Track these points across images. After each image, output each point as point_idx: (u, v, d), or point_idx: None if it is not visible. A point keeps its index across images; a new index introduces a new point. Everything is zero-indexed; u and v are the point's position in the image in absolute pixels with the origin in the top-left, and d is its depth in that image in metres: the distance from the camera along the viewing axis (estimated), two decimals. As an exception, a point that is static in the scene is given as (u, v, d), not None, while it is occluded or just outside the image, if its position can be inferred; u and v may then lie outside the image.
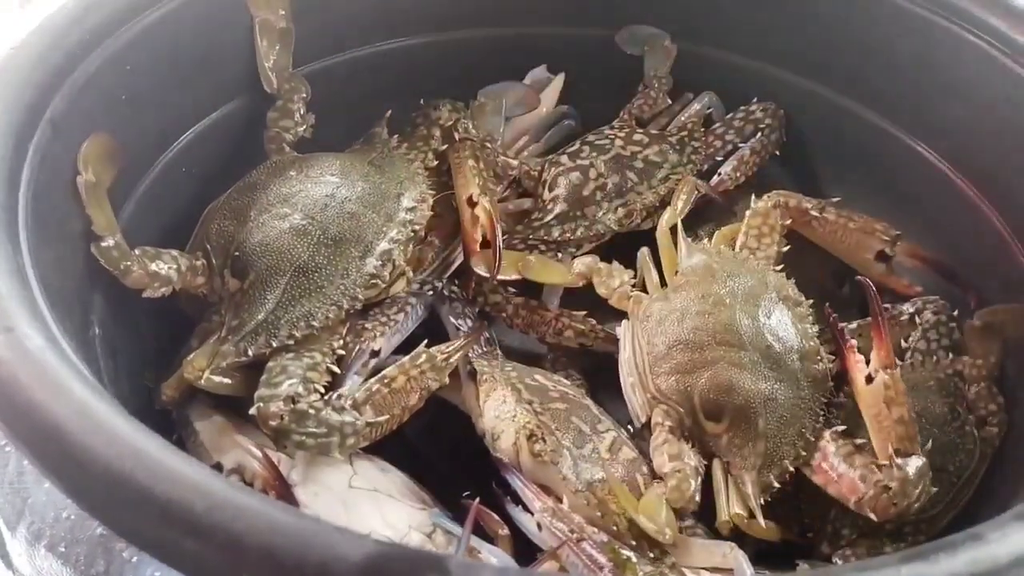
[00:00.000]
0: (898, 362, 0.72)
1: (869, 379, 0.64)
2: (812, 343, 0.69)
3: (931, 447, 0.67)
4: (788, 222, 0.78)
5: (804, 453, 0.66)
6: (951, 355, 0.75)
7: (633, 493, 0.64)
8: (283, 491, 0.61)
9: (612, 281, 0.75)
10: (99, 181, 0.66)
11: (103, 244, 0.65)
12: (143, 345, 0.71)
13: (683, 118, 0.90)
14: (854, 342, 0.66)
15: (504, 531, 0.63)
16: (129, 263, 0.66)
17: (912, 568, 0.43)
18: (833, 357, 0.70)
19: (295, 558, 0.41)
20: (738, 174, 0.87)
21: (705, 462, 0.66)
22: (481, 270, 0.76)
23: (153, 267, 0.67)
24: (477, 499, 0.62)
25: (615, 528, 0.62)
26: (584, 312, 0.79)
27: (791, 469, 0.66)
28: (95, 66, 0.67)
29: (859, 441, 0.65)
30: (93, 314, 0.66)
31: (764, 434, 0.65)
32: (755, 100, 0.89)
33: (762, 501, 0.64)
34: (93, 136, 0.66)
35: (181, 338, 0.71)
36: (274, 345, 0.67)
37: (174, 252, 0.69)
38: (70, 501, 0.48)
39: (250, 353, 0.67)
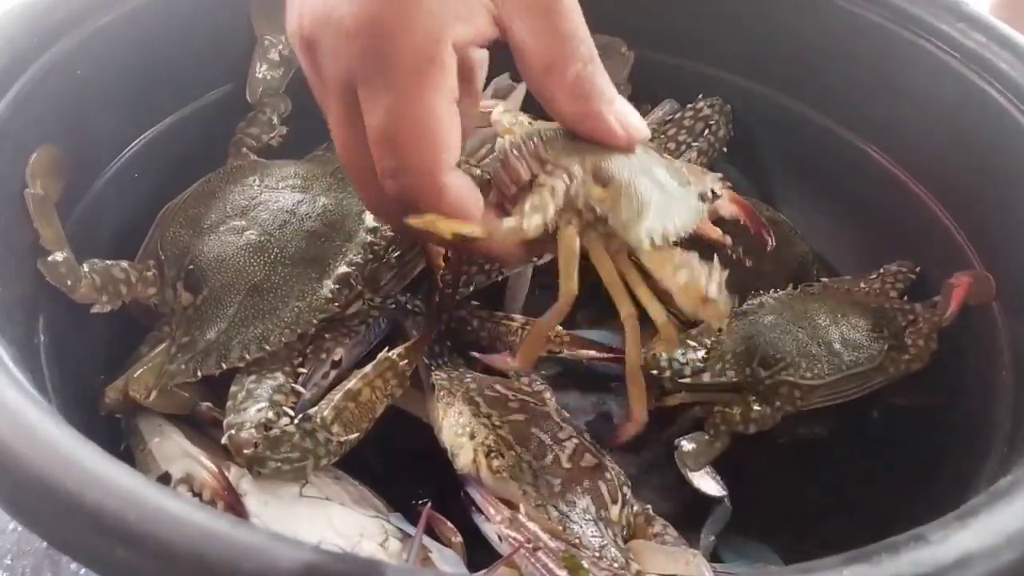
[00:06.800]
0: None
1: None
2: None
3: (838, 334, 0.75)
4: None
5: None
6: (905, 297, 0.80)
7: (596, 501, 0.64)
8: (232, 501, 0.60)
9: None
10: (47, 194, 0.65)
11: (50, 259, 0.64)
12: (92, 354, 0.70)
13: (643, 126, 0.90)
14: None
15: (457, 538, 0.62)
16: (76, 279, 0.65)
17: (854, 570, 0.43)
18: None
19: (228, 567, 0.40)
20: None
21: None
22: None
23: (101, 282, 0.66)
24: (428, 504, 0.61)
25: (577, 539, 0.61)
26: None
27: None
28: (44, 71, 0.66)
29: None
30: (40, 322, 0.65)
31: None
32: (700, 96, 0.90)
33: None
34: (42, 148, 0.65)
35: (132, 345, 0.70)
36: (224, 367, 0.65)
37: (123, 264, 0.68)
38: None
39: (199, 374, 0.65)
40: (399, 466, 0.73)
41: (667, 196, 0.62)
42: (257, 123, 0.80)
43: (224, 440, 0.61)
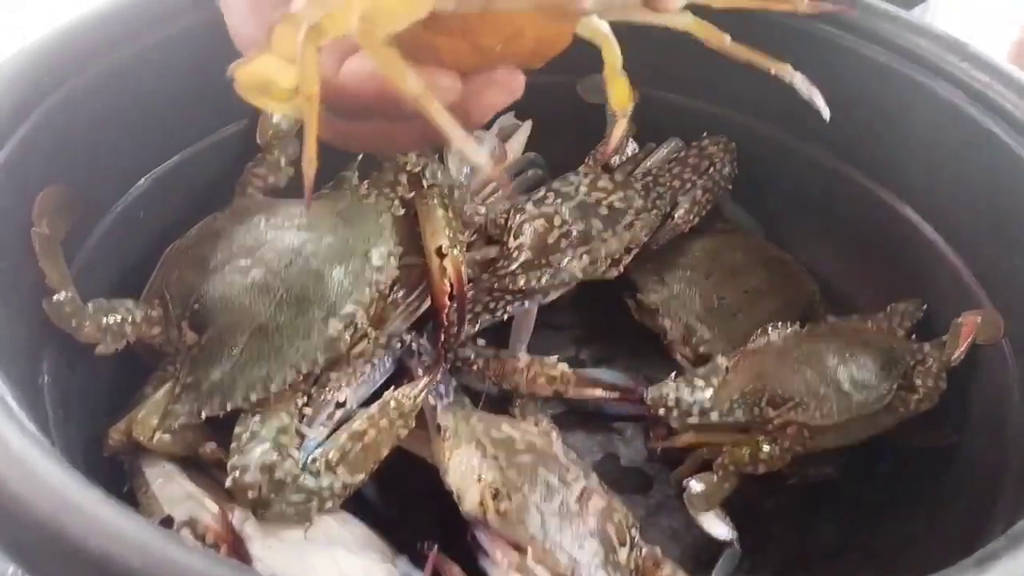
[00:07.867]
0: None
1: None
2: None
3: (847, 374, 0.74)
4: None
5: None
6: (913, 336, 0.80)
7: (605, 544, 0.63)
8: (235, 545, 0.59)
9: None
10: (54, 234, 0.64)
11: (55, 299, 0.63)
12: (96, 394, 0.69)
13: (649, 163, 0.90)
14: None
15: (464, 583, 0.62)
16: (81, 319, 0.64)
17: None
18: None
19: (233, 614, 0.40)
20: (691, 216, 0.88)
21: None
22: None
23: (106, 321, 0.66)
24: (435, 547, 0.60)
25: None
26: (555, 357, 0.79)
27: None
28: (51, 111, 0.66)
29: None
30: (44, 362, 0.64)
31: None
32: (705, 135, 0.90)
33: None
34: (49, 188, 0.65)
35: (136, 386, 0.69)
36: (228, 408, 0.65)
37: (128, 303, 0.68)
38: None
39: (203, 415, 0.65)
40: (405, 508, 0.72)
41: None
42: (265, 164, 0.79)
43: (228, 483, 0.61)
